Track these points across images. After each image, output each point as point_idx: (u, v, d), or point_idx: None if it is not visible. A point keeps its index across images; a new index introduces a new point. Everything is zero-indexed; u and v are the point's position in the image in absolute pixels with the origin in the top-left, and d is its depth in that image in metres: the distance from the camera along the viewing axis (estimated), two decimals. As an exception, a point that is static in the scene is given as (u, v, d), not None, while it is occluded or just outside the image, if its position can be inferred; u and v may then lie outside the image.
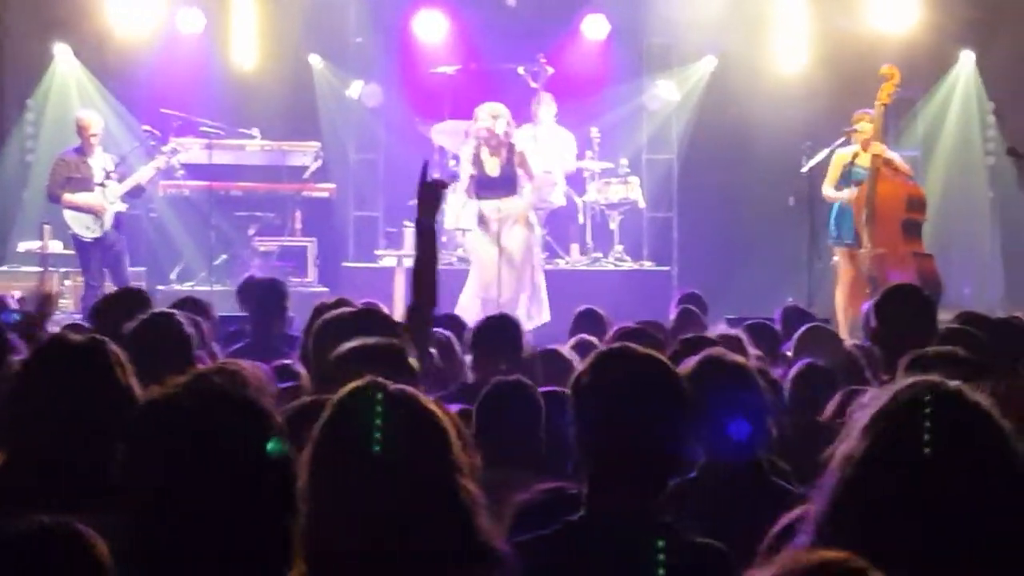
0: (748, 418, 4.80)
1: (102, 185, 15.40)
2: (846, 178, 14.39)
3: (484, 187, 14.76)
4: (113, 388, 4.04)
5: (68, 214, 15.40)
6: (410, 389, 3.11)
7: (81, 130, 15.58)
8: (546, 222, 16.67)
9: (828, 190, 14.51)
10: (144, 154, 16.18)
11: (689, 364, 4.78)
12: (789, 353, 7.74)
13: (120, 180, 15.53)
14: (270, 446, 2.66)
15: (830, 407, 6.14)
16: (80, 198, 15.35)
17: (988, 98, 15.60)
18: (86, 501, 3.36)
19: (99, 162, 15.55)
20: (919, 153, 17.05)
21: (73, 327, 7.33)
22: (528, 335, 7.80)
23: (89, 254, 15.42)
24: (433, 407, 3.09)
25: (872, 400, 2.77)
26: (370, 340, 5.30)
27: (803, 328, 7.99)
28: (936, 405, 2.69)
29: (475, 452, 3.23)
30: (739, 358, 5.11)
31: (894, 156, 14.36)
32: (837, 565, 2.37)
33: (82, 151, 15.55)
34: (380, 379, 3.08)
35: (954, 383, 2.76)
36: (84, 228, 15.36)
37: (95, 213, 15.35)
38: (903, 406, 2.71)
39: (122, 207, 15.59)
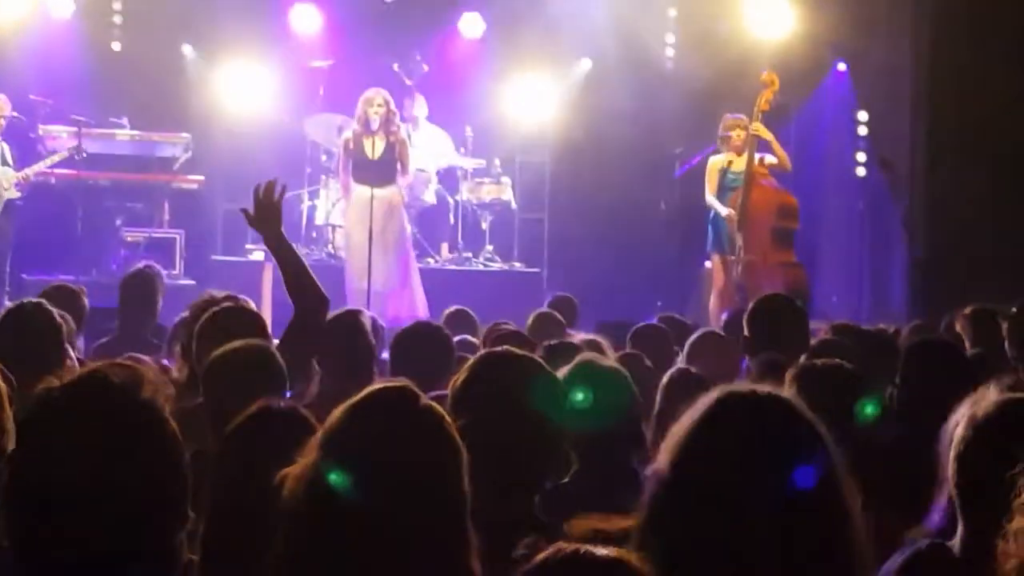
0: (621, 420, 4.85)
1: (3, 169, 15.15)
2: (723, 185, 14.50)
3: (360, 170, 14.64)
4: None
5: None
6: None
7: None
8: (417, 220, 16.62)
9: (710, 198, 14.60)
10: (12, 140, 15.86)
11: (563, 369, 4.80)
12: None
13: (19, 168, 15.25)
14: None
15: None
16: None
17: (860, 108, 15.76)
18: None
19: None
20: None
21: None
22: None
23: None
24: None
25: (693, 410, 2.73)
26: (242, 344, 5.24)
27: (697, 334, 7.98)
28: (747, 405, 2.68)
29: None
30: (614, 363, 5.14)
31: (770, 158, 14.47)
32: None
33: None
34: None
35: (764, 387, 2.75)
36: None
37: None
38: (711, 422, 2.67)
39: (16, 194, 15.30)
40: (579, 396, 4.68)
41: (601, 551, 2.37)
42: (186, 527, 2.70)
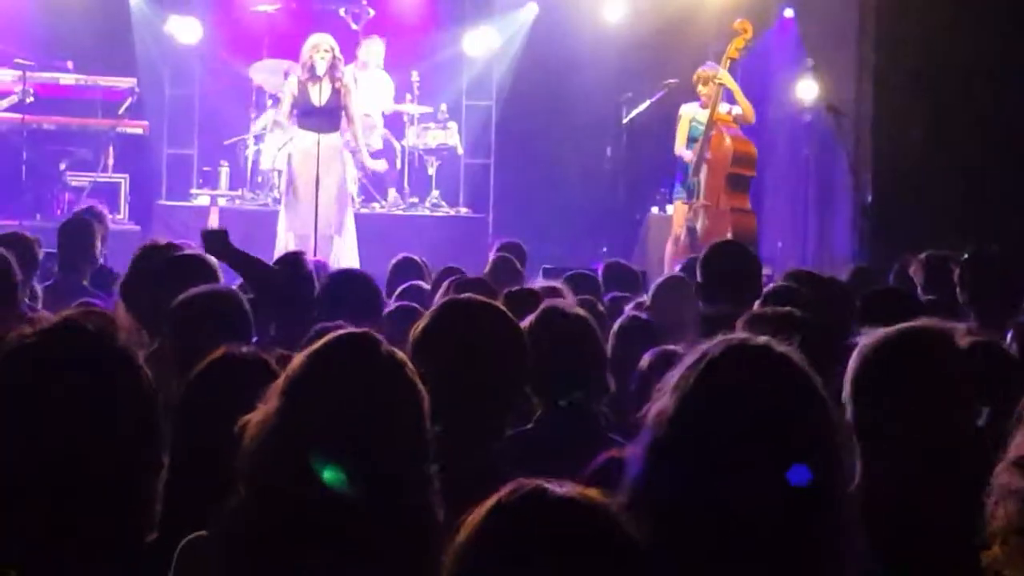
0: (587, 369, 4.86)
1: None
2: (690, 136, 14.48)
3: (306, 116, 14.55)
4: None
5: None
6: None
7: None
8: (363, 166, 16.56)
9: (680, 148, 14.58)
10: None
11: (530, 317, 4.81)
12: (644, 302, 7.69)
13: None
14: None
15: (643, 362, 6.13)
16: None
17: (807, 54, 15.76)
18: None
19: None
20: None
21: None
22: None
23: None
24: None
25: (685, 357, 2.74)
26: (209, 289, 5.26)
27: (662, 279, 7.98)
28: (745, 359, 2.69)
29: None
30: (580, 310, 5.15)
31: (736, 108, 14.46)
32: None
33: None
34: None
35: (762, 338, 2.74)
36: None
37: None
38: (713, 361, 2.68)
39: None
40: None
41: (566, 487, 2.34)
42: (160, 476, 2.70)
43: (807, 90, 15.55)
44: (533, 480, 2.34)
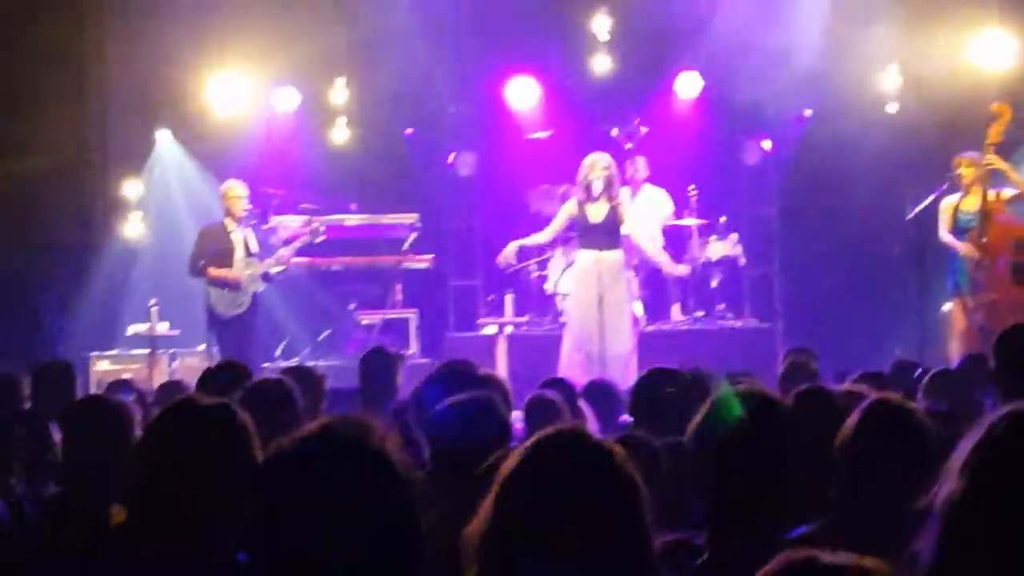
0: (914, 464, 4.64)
1: (249, 260, 15.33)
2: (957, 227, 14.18)
3: (585, 235, 14.63)
4: (240, 454, 3.92)
5: (209, 288, 15.26)
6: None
7: (231, 200, 15.40)
8: (645, 282, 16.57)
9: (945, 236, 14.30)
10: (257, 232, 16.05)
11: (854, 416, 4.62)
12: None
13: (260, 259, 15.47)
14: None
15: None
16: (224, 273, 15.19)
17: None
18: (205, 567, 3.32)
19: (240, 236, 15.43)
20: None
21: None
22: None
23: (225, 331, 15.21)
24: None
25: (969, 436, 2.55)
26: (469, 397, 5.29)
27: (932, 372, 7.79)
28: None
29: None
30: (909, 403, 4.90)
31: (1007, 190, 14.12)
32: None
33: (226, 224, 15.39)
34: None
35: None
36: (224, 304, 15.22)
37: (237, 289, 15.24)
38: (998, 437, 2.48)
39: (261, 286, 15.50)
40: None
41: (845, 558, 2.23)
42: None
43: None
44: (806, 550, 2.25)
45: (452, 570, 2.98)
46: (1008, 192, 14.08)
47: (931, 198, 14.81)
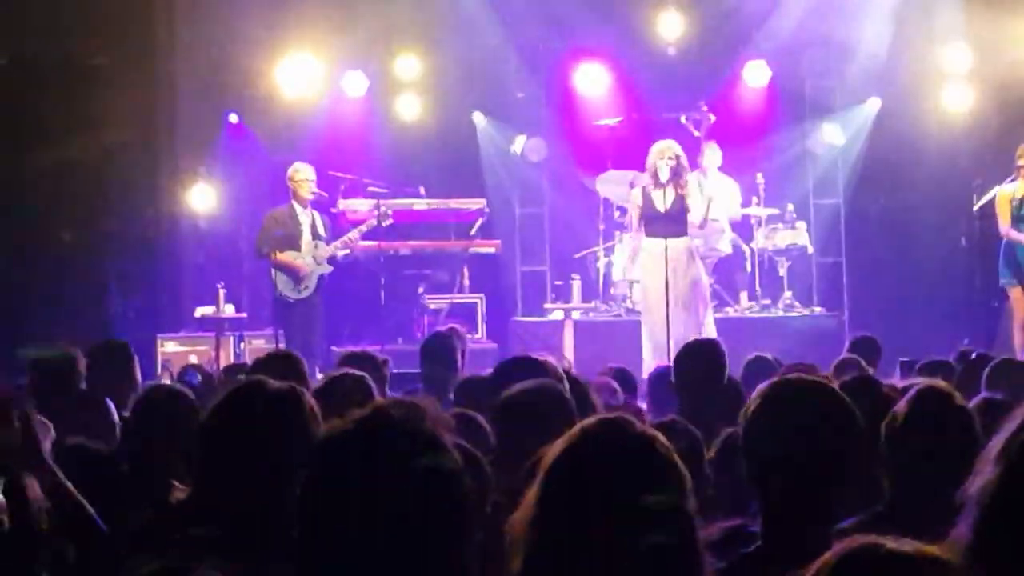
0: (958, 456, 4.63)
1: (316, 243, 15.34)
2: (1016, 216, 14.11)
3: (651, 223, 14.62)
4: (306, 437, 3.87)
5: (275, 272, 15.27)
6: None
7: (298, 183, 15.35)
8: (714, 270, 16.58)
9: (1004, 228, 14.23)
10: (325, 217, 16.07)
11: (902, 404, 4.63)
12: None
13: (327, 242, 15.47)
14: None
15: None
16: (289, 257, 15.21)
17: None
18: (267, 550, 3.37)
19: (308, 219, 15.43)
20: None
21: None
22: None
23: (291, 314, 15.22)
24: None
25: (1006, 426, 2.61)
26: (535, 384, 5.33)
27: (994, 361, 7.75)
28: None
29: None
30: (955, 392, 4.89)
31: None
32: None
33: (293, 207, 15.38)
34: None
35: None
36: (290, 288, 15.25)
37: (303, 273, 15.27)
38: None
39: (327, 269, 15.48)
40: None
41: (908, 545, 2.25)
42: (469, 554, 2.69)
43: None
44: (870, 537, 2.27)
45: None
46: None
47: (996, 188, 14.74)
